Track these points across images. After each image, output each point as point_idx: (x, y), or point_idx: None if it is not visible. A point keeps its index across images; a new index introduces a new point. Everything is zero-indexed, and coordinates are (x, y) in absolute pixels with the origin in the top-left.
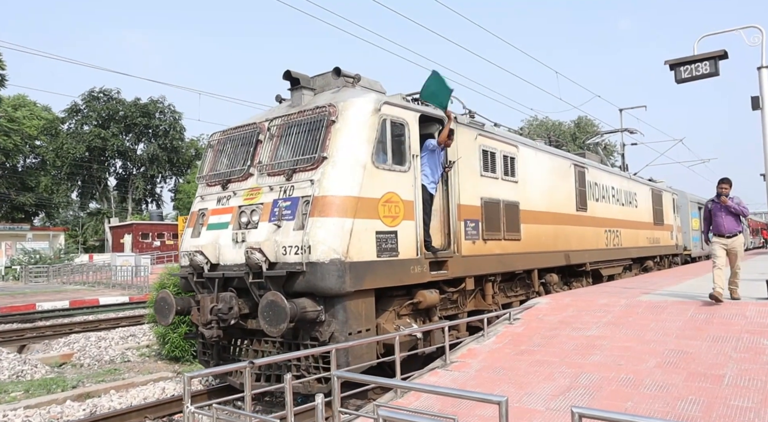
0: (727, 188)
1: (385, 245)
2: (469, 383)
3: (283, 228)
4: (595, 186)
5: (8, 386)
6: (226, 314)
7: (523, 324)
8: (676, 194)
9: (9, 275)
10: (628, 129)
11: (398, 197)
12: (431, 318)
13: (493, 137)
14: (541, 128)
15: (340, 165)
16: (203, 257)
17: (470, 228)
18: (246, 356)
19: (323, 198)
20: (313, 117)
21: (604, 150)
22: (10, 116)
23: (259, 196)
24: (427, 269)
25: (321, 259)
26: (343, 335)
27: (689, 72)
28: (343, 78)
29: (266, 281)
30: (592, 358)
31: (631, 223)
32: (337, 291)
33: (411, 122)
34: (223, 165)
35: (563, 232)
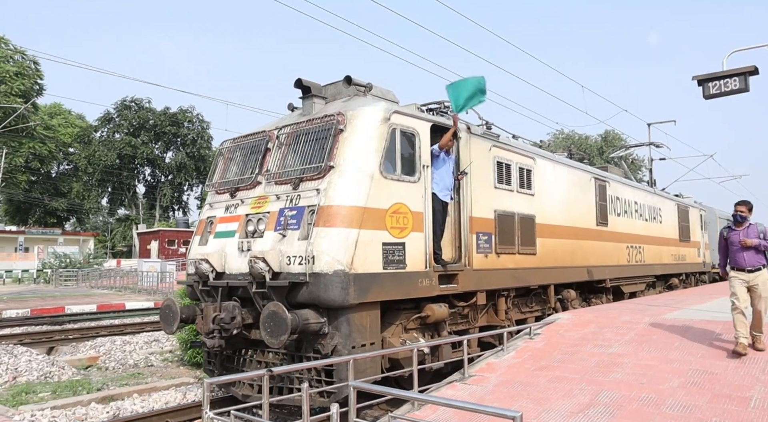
0: (746, 211)
1: (391, 257)
2: (486, 397)
3: (288, 238)
4: (617, 201)
5: (37, 386)
6: (228, 324)
7: (543, 339)
8: (704, 210)
9: (40, 278)
10: (654, 143)
11: (407, 208)
12: (440, 332)
13: (509, 148)
14: (567, 142)
15: (347, 175)
16: (209, 265)
17: (482, 241)
18: (250, 366)
19: (329, 208)
20: (322, 126)
21: (632, 165)
22: (46, 123)
23: (266, 205)
24: (436, 283)
25: (324, 270)
26: (346, 348)
27: (718, 88)
28: (354, 87)
29: (269, 291)
30: (614, 376)
31: (655, 239)
32: (341, 303)
33: (422, 131)
34: (232, 173)
35: (582, 247)
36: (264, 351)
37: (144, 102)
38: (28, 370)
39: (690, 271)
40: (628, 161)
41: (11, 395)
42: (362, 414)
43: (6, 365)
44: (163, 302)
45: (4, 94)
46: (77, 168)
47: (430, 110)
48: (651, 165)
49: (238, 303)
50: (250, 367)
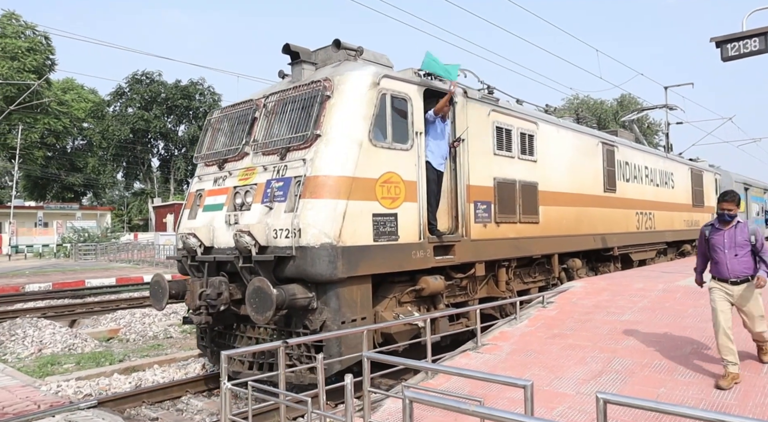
0: (733, 208)
1: (383, 229)
2: (499, 366)
3: (275, 210)
4: (626, 166)
5: (61, 358)
6: (214, 300)
7: (556, 308)
8: (719, 173)
9: (60, 253)
10: (667, 105)
11: (399, 177)
12: (436, 305)
13: (509, 112)
14: (582, 107)
15: (334, 143)
16: (196, 239)
17: (481, 211)
18: (240, 343)
19: (315, 178)
20: (308, 92)
21: (648, 130)
22: (59, 99)
23: (254, 176)
24: (431, 254)
25: (311, 243)
26: (335, 323)
27: (737, 49)
28: (345, 51)
29: (256, 265)
30: (626, 343)
31: (666, 205)
32: (329, 277)
33: (414, 96)
34: (220, 144)
35: (588, 214)
36: (255, 326)
37: (155, 76)
38: (52, 342)
39: None
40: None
41: (37, 366)
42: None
43: (31, 337)
44: (152, 277)
45: (17, 71)
46: (92, 143)
47: (428, 75)
48: (668, 129)
49: (225, 279)
50: (240, 343)
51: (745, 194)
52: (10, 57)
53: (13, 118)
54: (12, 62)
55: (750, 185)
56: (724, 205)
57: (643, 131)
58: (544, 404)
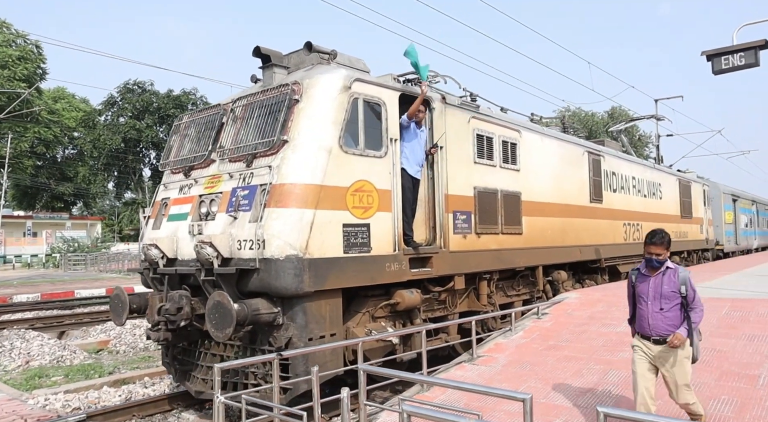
0: (662, 252)
1: (354, 240)
2: (495, 378)
3: (239, 220)
4: (613, 176)
5: (49, 370)
6: (174, 316)
7: (551, 319)
8: (707, 184)
9: (49, 263)
10: (655, 116)
11: (372, 185)
12: (413, 320)
13: (490, 120)
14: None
15: (302, 150)
16: (158, 251)
17: (460, 221)
18: (205, 360)
19: (281, 186)
20: (276, 97)
21: (638, 142)
22: (50, 108)
23: (219, 184)
24: (406, 267)
25: (275, 255)
26: (302, 340)
27: (728, 63)
28: (318, 54)
29: (218, 279)
30: (622, 355)
31: (654, 216)
32: (294, 291)
33: (389, 102)
34: (187, 150)
35: (574, 225)
36: (220, 343)
37: (147, 85)
38: (40, 354)
39: (692, 248)
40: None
41: (25, 379)
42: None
43: (19, 349)
44: (113, 291)
45: (8, 79)
46: (82, 152)
47: (408, 81)
48: (658, 141)
49: (187, 293)
50: (205, 360)
51: (733, 206)
52: (1, 66)
53: (2, 127)
54: (2, 71)
55: (738, 196)
56: (651, 248)
57: (634, 143)
58: (541, 417)
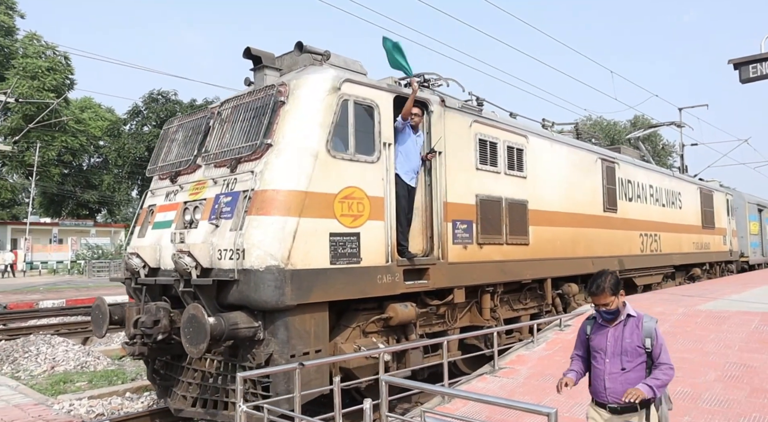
0: (610, 301)
1: (342, 250)
2: (517, 390)
3: (220, 228)
4: (629, 184)
5: (74, 376)
6: (150, 329)
7: (574, 331)
8: (730, 194)
9: (74, 269)
10: (675, 123)
11: (362, 192)
12: (408, 336)
13: (495, 124)
14: (594, 128)
15: (286, 154)
16: (139, 259)
17: (461, 231)
18: (186, 375)
19: (263, 193)
20: (262, 99)
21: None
22: (77, 117)
23: (204, 190)
24: (400, 279)
25: (255, 266)
26: (283, 357)
27: (756, 71)
28: (310, 55)
29: (195, 290)
30: None
31: (673, 226)
32: (274, 305)
33: (383, 104)
34: (174, 155)
35: (586, 236)
36: (202, 357)
37: (170, 95)
38: (65, 360)
39: (715, 260)
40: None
41: (50, 384)
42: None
43: (45, 354)
44: (94, 301)
45: (37, 90)
46: (107, 161)
47: (408, 85)
48: (682, 151)
49: (167, 304)
50: (186, 375)
51: (759, 216)
52: (31, 76)
53: (31, 136)
54: (32, 82)
55: (765, 206)
56: (594, 299)
57: (657, 153)
58: None
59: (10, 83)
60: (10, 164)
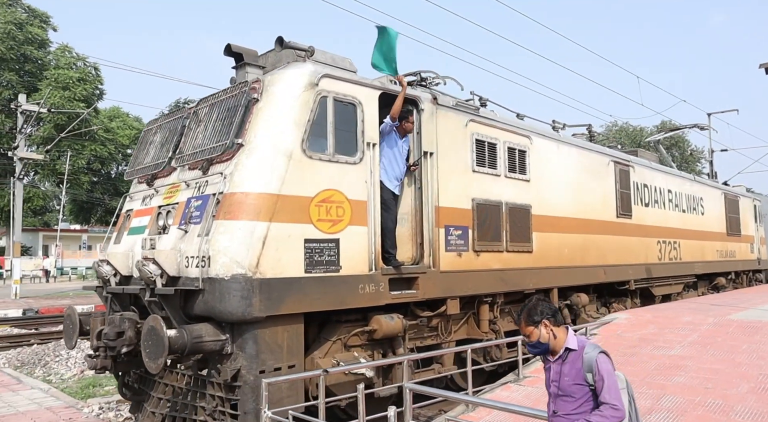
0: (530, 331)
1: (318, 258)
2: (542, 399)
3: (189, 234)
4: (645, 188)
5: (102, 380)
6: (113, 341)
7: (600, 340)
8: (758, 199)
9: None
10: (698, 125)
11: (342, 195)
12: (395, 350)
13: (493, 124)
14: (620, 134)
15: (256, 154)
16: (110, 267)
17: (454, 237)
18: (157, 390)
19: (231, 196)
20: (236, 96)
21: (690, 157)
22: (106, 126)
23: (177, 194)
24: (386, 289)
25: (220, 274)
26: (252, 373)
27: None
28: (294, 51)
29: (160, 300)
30: (676, 380)
31: (694, 233)
32: (240, 316)
33: (366, 101)
34: (150, 158)
35: (596, 243)
36: (171, 371)
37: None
38: None
39: (741, 269)
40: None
41: (80, 387)
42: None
43: (74, 359)
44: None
45: (68, 100)
46: None
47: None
48: (711, 156)
49: (134, 315)
50: (157, 391)
51: None
52: (62, 87)
53: (62, 145)
54: (63, 92)
55: None
56: (524, 327)
57: (685, 159)
58: None
59: (43, 94)
60: (42, 173)
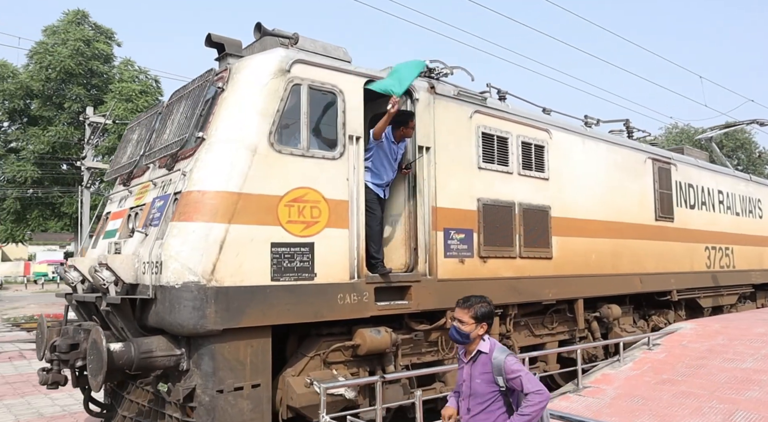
0: (466, 320)
1: (288, 264)
2: (604, 411)
3: (149, 237)
4: (689, 189)
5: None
6: (66, 354)
7: (664, 351)
8: None
9: None
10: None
11: (318, 194)
12: (385, 367)
13: (503, 116)
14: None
15: (216, 148)
16: (77, 273)
17: (456, 241)
18: (124, 407)
19: (188, 195)
20: (201, 86)
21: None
22: None
23: (146, 194)
24: (371, 299)
25: (171, 282)
26: (207, 393)
27: None
28: (277, 39)
29: (113, 310)
30: (750, 394)
31: (751, 238)
32: (192, 330)
33: (349, 90)
34: (126, 157)
35: (631, 248)
36: (137, 386)
37: None
38: None
39: None
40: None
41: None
42: None
43: None
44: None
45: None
46: None
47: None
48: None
49: (95, 325)
50: (123, 408)
51: None
52: (126, 99)
53: None
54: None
55: None
56: (455, 313)
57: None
58: None
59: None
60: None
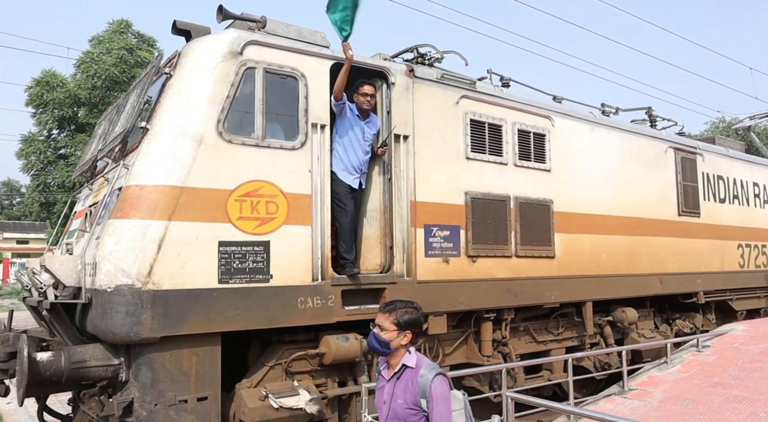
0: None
1: (239, 265)
2: (651, 414)
3: (93, 236)
4: (718, 181)
5: None
6: (5, 363)
7: (714, 353)
8: None
9: None
10: None
11: (275, 188)
12: (357, 378)
13: (496, 101)
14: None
15: (158, 139)
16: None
17: (439, 239)
18: (77, 417)
19: (127, 190)
20: (149, 73)
21: None
22: None
23: (101, 191)
24: (337, 303)
25: (104, 285)
26: (145, 407)
27: None
28: (245, 23)
29: (49, 316)
30: None
31: None
32: (125, 337)
33: (312, 74)
34: (89, 153)
35: (650, 246)
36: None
37: None
38: None
39: None
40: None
41: None
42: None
43: None
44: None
45: None
46: None
47: (406, 61)
48: None
49: (43, 331)
50: (76, 419)
51: None
52: None
53: None
54: None
55: None
56: (376, 318)
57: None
58: None
59: None
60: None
